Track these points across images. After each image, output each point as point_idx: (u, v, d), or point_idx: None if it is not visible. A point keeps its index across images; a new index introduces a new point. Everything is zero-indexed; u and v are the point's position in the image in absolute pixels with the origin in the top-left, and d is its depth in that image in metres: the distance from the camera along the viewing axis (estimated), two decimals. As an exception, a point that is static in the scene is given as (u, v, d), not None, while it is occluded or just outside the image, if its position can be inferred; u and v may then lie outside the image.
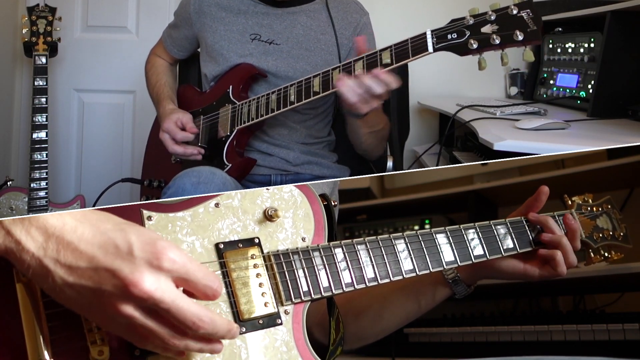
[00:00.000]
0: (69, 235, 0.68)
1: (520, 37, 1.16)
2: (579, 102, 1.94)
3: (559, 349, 1.62)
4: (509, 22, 1.18)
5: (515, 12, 1.17)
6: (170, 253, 0.69)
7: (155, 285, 0.67)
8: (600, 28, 1.80)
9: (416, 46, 1.27)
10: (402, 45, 1.28)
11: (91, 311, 0.70)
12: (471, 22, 1.22)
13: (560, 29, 2.16)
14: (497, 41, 1.18)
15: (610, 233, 1.23)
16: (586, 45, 1.96)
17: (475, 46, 1.20)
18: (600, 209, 1.25)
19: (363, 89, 1.29)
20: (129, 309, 0.68)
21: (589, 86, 1.90)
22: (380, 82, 1.28)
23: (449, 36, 1.23)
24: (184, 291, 0.72)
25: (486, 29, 1.20)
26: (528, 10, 1.17)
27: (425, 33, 1.25)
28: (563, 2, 2.21)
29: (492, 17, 1.19)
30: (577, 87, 1.98)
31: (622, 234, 1.25)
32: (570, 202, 1.23)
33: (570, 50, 2.05)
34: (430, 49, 1.25)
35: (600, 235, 1.22)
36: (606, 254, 1.22)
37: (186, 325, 0.69)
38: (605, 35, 1.76)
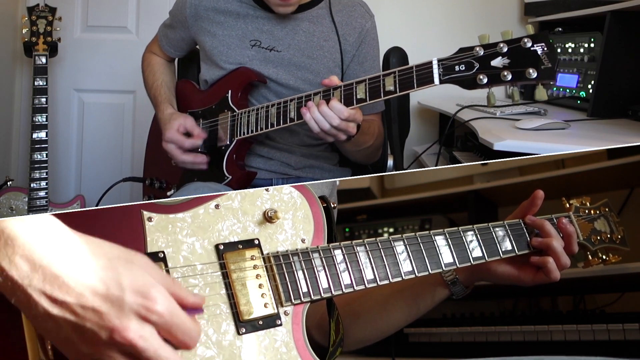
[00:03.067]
0: (58, 268, 0.66)
1: (534, 75, 1.09)
2: (579, 102, 1.94)
3: (559, 349, 1.62)
4: (521, 56, 1.10)
5: (528, 45, 1.10)
6: (159, 306, 0.68)
7: (140, 334, 0.67)
8: (600, 28, 1.80)
9: (421, 76, 1.21)
10: (407, 72, 1.23)
11: (69, 346, 0.68)
12: (481, 53, 1.14)
13: (560, 29, 2.16)
14: (509, 78, 1.11)
15: (608, 236, 1.24)
16: (586, 45, 1.96)
17: (484, 81, 1.14)
18: (598, 212, 1.25)
19: (336, 121, 1.30)
20: (109, 351, 0.67)
21: (589, 86, 1.90)
22: (336, 117, 1.30)
23: (457, 68, 1.16)
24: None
25: (496, 62, 1.12)
26: (543, 45, 1.09)
27: (431, 62, 1.19)
28: (563, 2, 2.21)
29: (504, 50, 1.12)
30: (577, 87, 1.98)
31: (619, 236, 1.26)
32: (568, 205, 1.23)
33: (570, 50, 2.05)
34: (437, 80, 1.18)
35: (598, 237, 1.22)
36: (604, 257, 1.22)
37: None
38: (605, 35, 1.76)
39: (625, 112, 1.73)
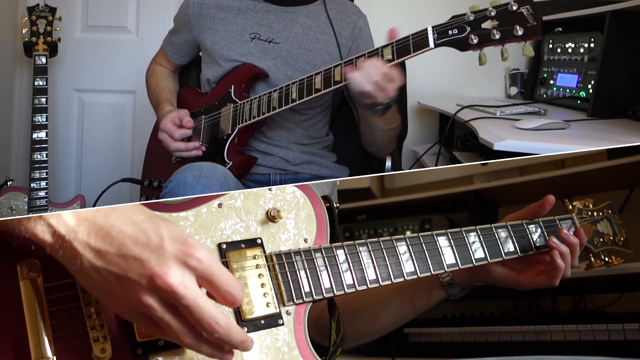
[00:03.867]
0: (101, 220, 0.69)
1: (520, 32, 1.18)
2: (579, 102, 1.94)
3: (559, 349, 1.62)
4: (509, 17, 1.20)
5: (515, 8, 1.19)
6: (198, 252, 0.70)
7: (180, 280, 0.68)
8: (600, 28, 1.81)
9: (417, 42, 1.28)
10: (404, 41, 1.30)
11: (112, 297, 0.71)
12: (472, 17, 1.23)
13: (560, 29, 2.16)
14: (497, 36, 1.20)
15: (611, 238, 1.24)
16: (586, 45, 1.96)
17: (475, 41, 1.22)
18: (601, 214, 1.25)
19: (378, 75, 1.31)
20: (150, 300, 0.68)
21: (589, 86, 1.91)
22: (389, 71, 1.31)
23: (450, 32, 1.25)
24: (207, 294, 0.73)
25: (486, 24, 1.22)
26: (528, 7, 1.19)
27: (426, 29, 1.27)
28: (563, 2, 2.21)
29: (493, 13, 1.21)
30: (577, 87, 1.99)
31: (622, 238, 1.26)
32: (570, 207, 1.23)
33: (570, 50, 2.05)
34: (432, 44, 1.27)
35: (601, 240, 1.22)
36: (606, 259, 1.22)
37: (202, 325, 0.70)
38: (605, 35, 1.76)
39: (625, 112, 1.73)
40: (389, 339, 1.21)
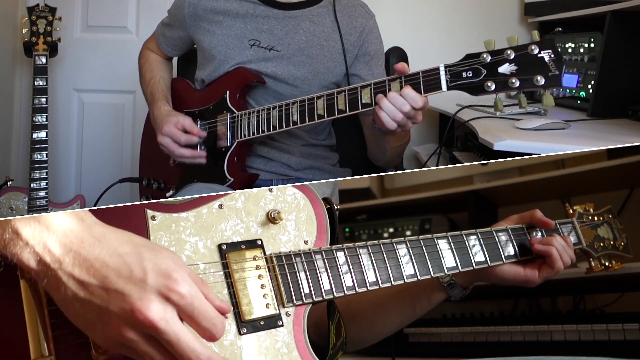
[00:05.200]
0: (86, 251, 0.69)
1: (541, 82, 1.10)
2: (579, 102, 1.94)
3: (559, 349, 1.62)
4: (528, 63, 1.11)
5: (535, 52, 1.11)
6: (181, 287, 0.70)
7: (161, 315, 0.68)
8: (600, 28, 1.80)
9: (429, 82, 1.21)
10: (414, 78, 1.23)
11: (94, 329, 0.71)
12: (488, 60, 1.15)
13: (560, 29, 2.16)
14: (516, 85, 1.12)
15: (611, 242, 1.24)
16: (586, 45, 1.96)
17: (492, 88, 1.15)
18: (601, 219, 1.26)
19: (401, 115, 1.24)
20: (131, 334, 0.69)
21: (589, 86, 1.90)
22: (418, 109, 1.24)
23: (464, 74, 1.17)
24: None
25: (504, 69, 1.13)
26: (550, 51, 1.10)
27: (438, 68, 1.19)
28: (563, 2, 2.21)
29: (511, 56, 1.13)
30: (577, 87, 1.99)
31: (623, 243, 1.26)
32: (571, 211, 1.24)
33: (570, 50, 2.05)
34: (444, 87, 1.19)
35: (601, 244, 1.23)
36: (607, 264, 1.23)
37: (183, 359, 0.70)
38: (605, 35, 1.76)
39: (625, 112, 1.73)
40: (389, 338, 1.21)
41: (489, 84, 1.14)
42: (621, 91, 1.77)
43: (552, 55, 1.10)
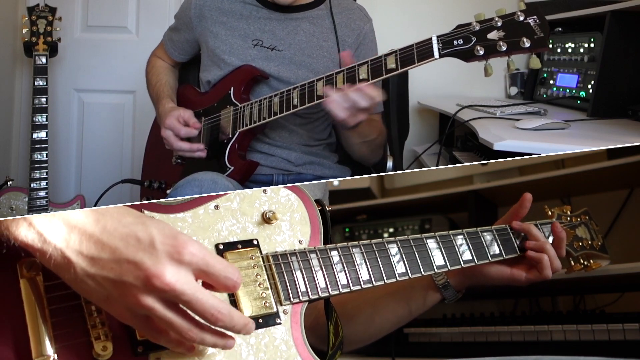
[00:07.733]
0: (91, 227, 0.69)
1: (527, 44, 1.15)
2: (579, 102, 1.94)
3: (559, 349, 1.62)
4: (515, 28, 1.17)
5: (521, 18, 1.16)
6: (190, 247, 0.70)
7: (177, 278, 0.68)
8: (600, 28, 1.80)
9: (422, 51, 1.26)
10: (408, 50, 1.27)
11: (110, 303, 0.71)
12: (477, 28, 1.21)
13: (560, 29, 2.16)
14: (504, 48, 1.17)
15: (589, 242, 1.29)
16: (586, 45, 1.96)
17: (481, 52, 1.20)
18: (578, 220, 1.31)
19: (349, 103, 1.29)
20: (150, 301, 0.69)
21: (589, 86, 1.90)
22: (365, 96, 1.28)
23: (455, 42, 1.22)
24: (204, 284, 0.73)
25: (492, 35, 1.19)
26: (535, 17, 1.16)
27: (431, 38, 1.24)
28: (563, 2, 2.21)
29: (499, 24, 1.18)
30: (577, 87, 1.98)
31: (599, 243, 1.31)
32: (550, 213, 1.27)
33: (570, 50, 2.05)
34: (436, 54, 1.24)
35: (580, 244, 1.27)
36: (585, 263, 1.27)
37: (205, 317, 0.71)
38: (605, 35, 1.76)
39: (625, 112, 1.73)
40: (389, 339, 1.22)
41: (479, 49, 1.19)
42: (621, 91, 1.77)
43: (538, 20, 1.16)
